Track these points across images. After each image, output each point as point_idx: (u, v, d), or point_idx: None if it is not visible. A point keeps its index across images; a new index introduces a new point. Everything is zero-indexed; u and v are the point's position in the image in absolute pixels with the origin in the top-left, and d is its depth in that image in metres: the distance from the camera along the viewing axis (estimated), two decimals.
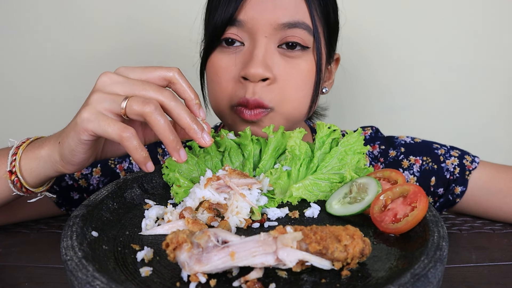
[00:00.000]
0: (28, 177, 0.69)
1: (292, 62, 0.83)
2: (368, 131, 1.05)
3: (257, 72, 0.79)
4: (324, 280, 0.48)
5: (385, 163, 1.00)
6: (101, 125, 0.59)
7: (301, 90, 0.85)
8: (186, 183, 0.71)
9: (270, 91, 0.82)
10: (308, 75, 0.85)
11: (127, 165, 1.00)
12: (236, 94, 0.83)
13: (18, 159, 0.69)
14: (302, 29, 0.81)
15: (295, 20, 0.81)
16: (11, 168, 0.68)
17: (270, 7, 0.80)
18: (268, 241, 0.48)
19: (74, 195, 0.96)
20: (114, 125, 0.59)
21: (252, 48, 0.81)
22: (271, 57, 0.81)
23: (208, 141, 0.63)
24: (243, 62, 0.82)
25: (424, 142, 1.00)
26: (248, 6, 0.80)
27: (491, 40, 1.36)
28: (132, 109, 0.59)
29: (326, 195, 0.70)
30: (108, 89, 0.62)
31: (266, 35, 0.80)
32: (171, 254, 0.48)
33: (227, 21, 0.81)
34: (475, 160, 0.94)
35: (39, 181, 0.71)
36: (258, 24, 0.80)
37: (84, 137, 0.61)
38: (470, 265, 0.70)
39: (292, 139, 0.74)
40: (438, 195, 0.95)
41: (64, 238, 0.54)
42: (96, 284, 0.45)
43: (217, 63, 0.84)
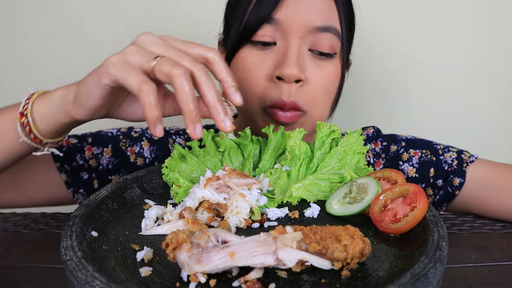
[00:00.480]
0: (39, 121, 0.67)
1: (322, 65, 0.85)
2: (370, 130, 1.07)
3: (293, 72, 0.80)
4: (324, 280, 0.48)
5: (386, 158, 1.01)
6: (125, 72, 0.57)
7: (329, 94, 0.87)
8: (186, 183, 0.71)
9: (303, 93, 0.83)
10: (334, 79, 0.87)
11: (138, 149, 1.01)
12: (270, 94, 0.83)
13: (31, 102, 0.67)
14: (333, 34, 0.83)
15: (327, 24, 0.82)
16: (23, 110, 0.67)
17: (306, 9, 0.81)
18: (268, 241, 0.48)
19: (83, 175, 0.97)
20: (136, 76, 0.56)
21: (285, 48, 0.82)
22: (303, 59, 0.83)
23: (228, 125, 0.58)
24: (275, 61, 0.83)
25: (424, 139, 1.03)
26: (285, 5, 0.81)
27: (491, 40, 1.36)
28: (161, 68, 0.56)
29: (326, 195, 0.70)
30: (144, 45, 0.60)
31: (299, 36, 0.82)
32: (171, 254, 0.48)
33: (263, 19, 0.81)
34: (473, 156, 0.96)
35: (48, 127, 0.68)
36: (293, 24, 0.81)
37: (105, 80, 0.59)
38: (470, 265, 0.70)
39: (292, 139, 0.73)
40: (438, 187, 0.96)
41: (64, 238, 0.54)
42: (96, 284, 0.45)
43: (246, 59, 0.85)
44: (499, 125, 1.44)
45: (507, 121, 1.43)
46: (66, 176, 0.96)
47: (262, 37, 0.83)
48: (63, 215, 0.94)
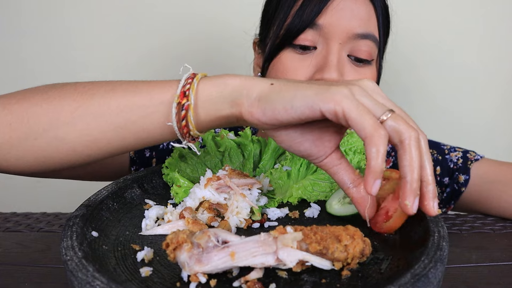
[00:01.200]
0: (201, 104, 0.56)
1: (360, 72, 0.86)
2: None
3: (333, 77, 0.81)
4: (324, 280, 0.48)
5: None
6: (359, 109, 0.49)
7: None
8: (186, 183, 0.71)
9: None
10: None
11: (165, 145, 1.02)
12: None
13: (196, 82, 0.56)
14: (372, 41, 0.85)
15: (367, 31, 0.84)
16: (185, 89, 0.55)
17: (348, 16, 0.83)
18: (268, 241, 0.48)
19: (146, 152, 0.99)
20: (372, 118, 0.48)
21: (326, 53, 0.84)
22: (343, 65, 0.84)
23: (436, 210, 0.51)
24: (315, 66, 0.85)
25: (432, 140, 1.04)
26: (329, 11, 0.83)
27: (493, 40, 1.36)
28: (395, 123, 0.49)
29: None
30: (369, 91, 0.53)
31: (340, 42, 0.83)
32: (171, 254, 0.48)
33: (307, 23, 0.83)
34: (478, 155, 0.98)
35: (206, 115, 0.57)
36: (335, 30, 0.83)
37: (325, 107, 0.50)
38: (470, 265, 0.70)
39: None
40: (445, 184, 0.98)
41: (64, 238, 0.54)
42: (96, 284, 0.45)
43: (287, 63, 0.86)
44: (499, 125, 1.44)
45: (507, 121, 1.43)
46: (133, 152, 0.98)
47: (304, 41, 0.85)
48: (63, 215, 0.94)
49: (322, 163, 0.58)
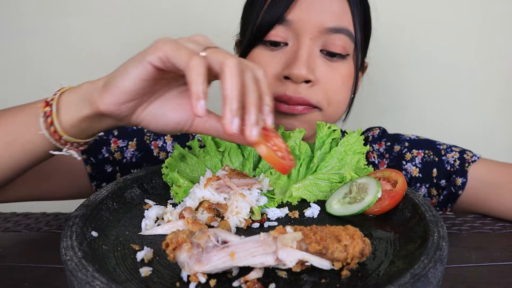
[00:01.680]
0: (63, 111, 0.62)
1: (333, 66, 0.85)
2: (376, 131, 1.08)
3: (301, 72, 0.80)
4: (324, 280, 0.48)
5: (390, 159, 1.02)
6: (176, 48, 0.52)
7: (342, 93, 0.87)
8: (186, 183, 0.71)
9: (314, 93, 0.84)
10: (347, 80, 0.87)
11: (161, 143, 1.01)
12: (275, 90, 0.84)
13: (59, 93, 0.63)
14: (345, 35, 0.84)
15: (340, 26, 0.83)
16: (50, 100, 0.62)
17: (318, 10, 0.82)
18: (268, 241, 0.48)
19: (107, 168, 0.97)
20: (189, 51, 0.52)
21: (296, 48, 0.83)
22: (313, 59, 0.83)
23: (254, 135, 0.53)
24: (285, 61, 0.84)
25: (428, 139, 1.03)
26: (298, 6, 0.82)
27: (492, 39, 1.36)
28: (214, 55, 0.52)
29: (326, 195, 0.70)
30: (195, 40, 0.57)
31: (311, 37, 0.82)
32: (171, 254, 0.48)
33: (276, 19, 0.82)
34: (475, 155, 0.96)
35: (70, 119, 0.62)
36: (305, 25, 0.82)
37: (150, 58, 0.54)
38: (470, 265, 0.70)
39: (292, 139, 0.74)
40: (441, 187, 0.97)
41: (64, 238, 0.54)
42: (96, 284, 0.45)
43: (258, 59, 0.86)
44: (499, 125, 1.44)
45: (507, 121, 1.43)
46: (91, 168, 0.96)
47: (274, 37, 0.84)
48: (63, 215, 0.94)
49: (193, 126, 0.62)
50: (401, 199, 0.64)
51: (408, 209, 0.63)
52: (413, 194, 0.65)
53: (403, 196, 0.64)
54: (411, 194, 0.65)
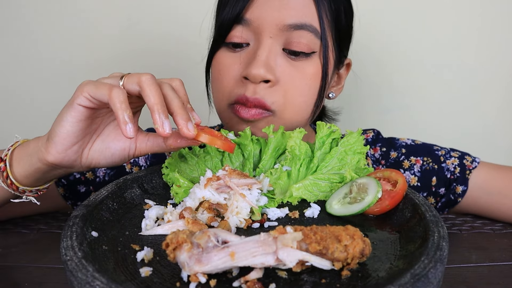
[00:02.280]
0: (17, 166, 0.68)
1: (297, 65, 0.81)
2: (370, 134, 1.04)
3: (259, 73, 0.77)
4: (324, 280, 0.48)
5: (386, 165, 1.00)
6: (97, 86, 0.60)
7: (304, 96, 0.83)
8: (186, 183, 0.71)
9: (272, 93, 0.80)
10: (312, 79, 0.83)
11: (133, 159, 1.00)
12: (235, 92, 0.82)
13: (12, 149, 0.69)
14: (309, 32, 0.79)
15: (301, 22, 0.79)
16: (3, 156, 0.69)
17: (277, 7, 0.78)
18: (268, 241, 0.48)
19: (80, 188, 0.97)
20: (108, 85, 0.59)
21: (256, 48, 0.80)
22: (274, 59, 0.80)
23: (191, 129, 0.61)
24: (246, 62, 0.81)
25: (425, 144, 1.00)
26: (255, 4, 0.79)
27: (492, 40, 1.36)
28: (130, 79, 0.61)
29: (326, 195, 0.70)
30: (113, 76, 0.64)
31: (271, 35, 0.79)
32: (171, 254, 0.48)
33: (233, 19, 0.80)
34: (475, 160, 0.94)
35: (24, 172, 0.68)
36: (264, 23, 0.79)
37: (78, 100, 0.60)
38: (470, 265, 0.70)
39: (292, 139, 0.73)
40: (440, 195, 0.95)
41: (64, 238, 0.54)
42: (96, 284, 0.45)
43: (221, 61, 0.84)
44: (499, 125, 1.44)
45: (507, 121, 1.43)
46: (63, 190, 0.96)
47: (234, 38, 0.81)
48: (63, 215, 0.94)
49: (137, 149, 0.69)
50: (401, 199, 0.64)
51: (408, 209, 0.63)
52: (413, 194, 0.65)
53: (403, 196, 0.64)
54: (411, 194, 0.65)
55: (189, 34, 1.38)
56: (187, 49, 1.41)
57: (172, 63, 1.45)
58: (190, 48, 1.38)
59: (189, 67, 1.36)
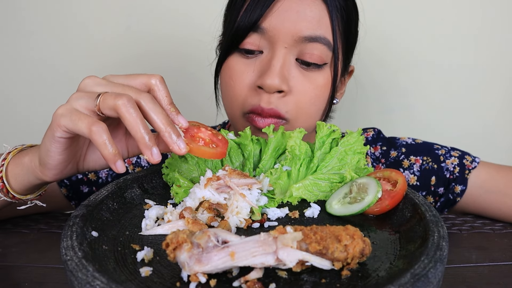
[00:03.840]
0: (14, 183, 0.69)
1: (309, 76, 0.83)
2: (370, 133, 1.05)
3: (274, 83, 0.79)
4: (324, 280, 0.48)
5: (386, 164, 1.00)
6: (73, 119, 0.57)
7: (315, 104, 0.85)
8: (186, 183, 0.71)
9: (285, 103, 0.82)
10: (323, 90, 0.85)
11: (135, 159, 1.01)
12: (249, 101, 0.83)
13: (6, 164, 0.69)
14: (322, 44, 0.81)
15: (316, 34, 0.80)
16: None
17: (294, 18, 0.79)
18: (268, 241, 0.48)
19: (83, 188, 0.97)
20: (85, 119, 0.57)
21: (270, 57, 0.81)
22: (288, 69, 0.81)
23: (183, 148, 0.59)
24: (260, 70, 0.82)
25: (425, 143, 1.01)
26: (273, 14, 0.80)
27: (492, 40, 1.36)
28: (105, 103, 0.57)
29: (326, 195, 0.70)
30: (87, 89, 0.61)
31: (286, 45, 0.80)
32: (171, 254, 0.48)
33: (250, 26, 0.80)
34: (475, 160, 0.94)
35: (24, 188, 0.70)
36: (280, 34, 0.80)
37: (58, 134, 0.59)
38: (470, 265, 0.70)
39: (292, 139, 0.73)
40: (439, 194, 0.96)
41: (64, 238, 0.54)
42: (96, 284, 0.45)
43: (233, 67, 0.84)
44: (499, 125, 1.44)
45: (507, 121, 1.43)
46: (66, 190, 0.97)
47: (249, 45, 0.82)
48: (63, 215, 0.94)
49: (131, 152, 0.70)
50: (401, 199, 0.64)
51: (408, 209, 0.63)
52: (413, 194, 0.65)
53: (403, 196, 0.64)
54: (411, 194, 0.65)
55: (192, 35, 1.38)
56: (190, 49, 1.41)
57: (175, 63, 1.45)
58: (193, 48, 1.38)
59: (192, 67, 1.37)
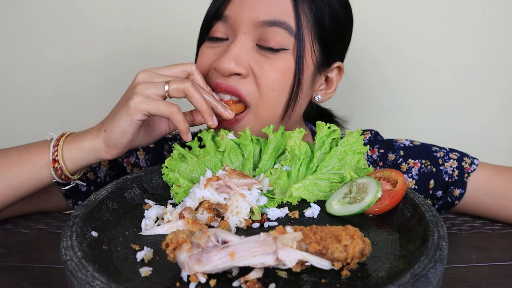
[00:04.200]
0: (70, 165, 0.78)
1: (269, 60, 0.82)
2: (367, 135, 1.03)
3: (227, 66, 0.79)
4: (324, 280, 0.48)
5: (384, 168, 0.99)
6: (153, 105, 0.71)
7: (275, 90, 0.83)
8: (186, 183, 0.71)
9: (245, 84, 0.81)
10: (284, 75, 0.83)
11: (134, 160, 1.02)
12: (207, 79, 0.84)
13: (60, 149, 0.77)
14: (282, 29, 0.81)
15: (275, 19, 0.80)
16: (54, 157, 0.77)
17: (252, 4, 0.81)
18: (268, 241, 0.48)
19: (82, 187, 0.97)
20: (163, 103, 0.72)
21: (230, 42, 0.83)
22: (246, 53, 0.81)
23: (231, 113, 0.78)
24: (220, 55, 0.83)
25: (423, 145, 0.99)
26: (234, 1, 0.83)
27: (491, 40, 1.36)
28: (174, 88, 0.72)
29: (326, 195, 0.70)
30: (148, 80, 0.74)
31: (245, 31, 0.82)
32: (171, 254, 0.48)
33: (213, 15, 0.85)
34: (474, 162, 0.93)
35: (79, 168, 0.79)
36: (239, 20, 0.82)
37: (138, 117, 0.72)
38: (470, 265, 0.70)
39: (292, 139, 0.74)
40: (437, 197, 0.95)
41: (64, 238, 0.54)
42: (96, 284, 0.45)
43: (201, 53, 0.88)
44: (499, 125, 1.44)
45: (507, 121, 1.43)
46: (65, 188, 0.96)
47: (216, 33, 0.85)
48: (63, 215, 0.94)
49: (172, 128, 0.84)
50: (401, 199, 0.64)
51: (408, 209, 0.63)
52: (413, 194, 0.65)
53: (403, 196, 0.64)
54: (411, 194, 0.65)
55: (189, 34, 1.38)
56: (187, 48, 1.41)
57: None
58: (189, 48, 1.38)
59: None
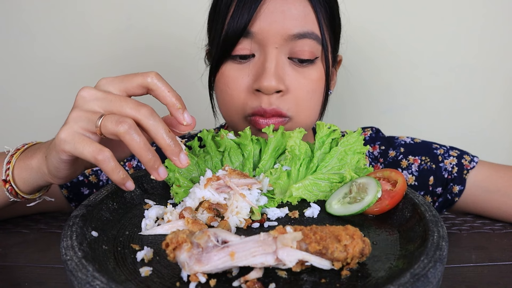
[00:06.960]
0: (22, 185, 0.70)
1: (303, 72, 0.84)
2: (368, 132, 1.05)
3: (271, 85, 0.80)
4: (324, 280, 0.48)
5: (384, 164, 1.00)
6: (77, 146, 0.57)
7: (314, 98, 0.87)
8: (186, 183, 0.71)
9: (285, 102, 0.83)
10: (318, 83, 0.86)
11: (136, 163, 1.02)
12: (249, 105, 0.84)
13: (11, 168, 0.69)
14: (312, 39, 0.82)
15: (304, 30, 0.81)
16: (5, 177, 0.69)
17: (280, 18, 0.80)
18: (268, 241, 0.49)
19: (84, 190, 0.97)
20: (90, 147, 0.57)
21: (263, 59, 0.82)
22: (282, 68, 0.82)
23: (184, 162, 0.60)
24: (254, 74, 0.83)
25: (424, 142, 1.00)
26: (260, 17, 0.81)
27: (491, 40, 1.36)
28: (107, 129, 0.56)
29: (326, 195, 0.70)
30: (85, 107, 0.59)
31: (276, 46, 0.81)
32: (171, 254, 0.48)
33: (240, 33, 0.81)
34: (473, 160, 0.94)
35: (32, 189, 0.71)
36: (269, 35, 0.81)
37: (63, 157, 0.60)
38: (470, 265, 0.70)
39: (292, 139, 0.74)
40: (437, 194, 0.95)
41: (64, 238, 0.54)
42: (96, 284, 0.45)
43: (228, 74, 0.85)
44: (499, 125, 1.44)
45: (507, 121, 1.43)
46: (67, 191, 0.97)
47: (241, 51, 0.83)
48: (63, 215, 0.94)
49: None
50: (401, 199, 0.64)
51: (408, 209, 0.63)
52: (413, 194, 0.65)
53: (403, 196, 0.64)
54: (411, 194, 0.65)
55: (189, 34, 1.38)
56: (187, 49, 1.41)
57: (175, 62, 1.45)
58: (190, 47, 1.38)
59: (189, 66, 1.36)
